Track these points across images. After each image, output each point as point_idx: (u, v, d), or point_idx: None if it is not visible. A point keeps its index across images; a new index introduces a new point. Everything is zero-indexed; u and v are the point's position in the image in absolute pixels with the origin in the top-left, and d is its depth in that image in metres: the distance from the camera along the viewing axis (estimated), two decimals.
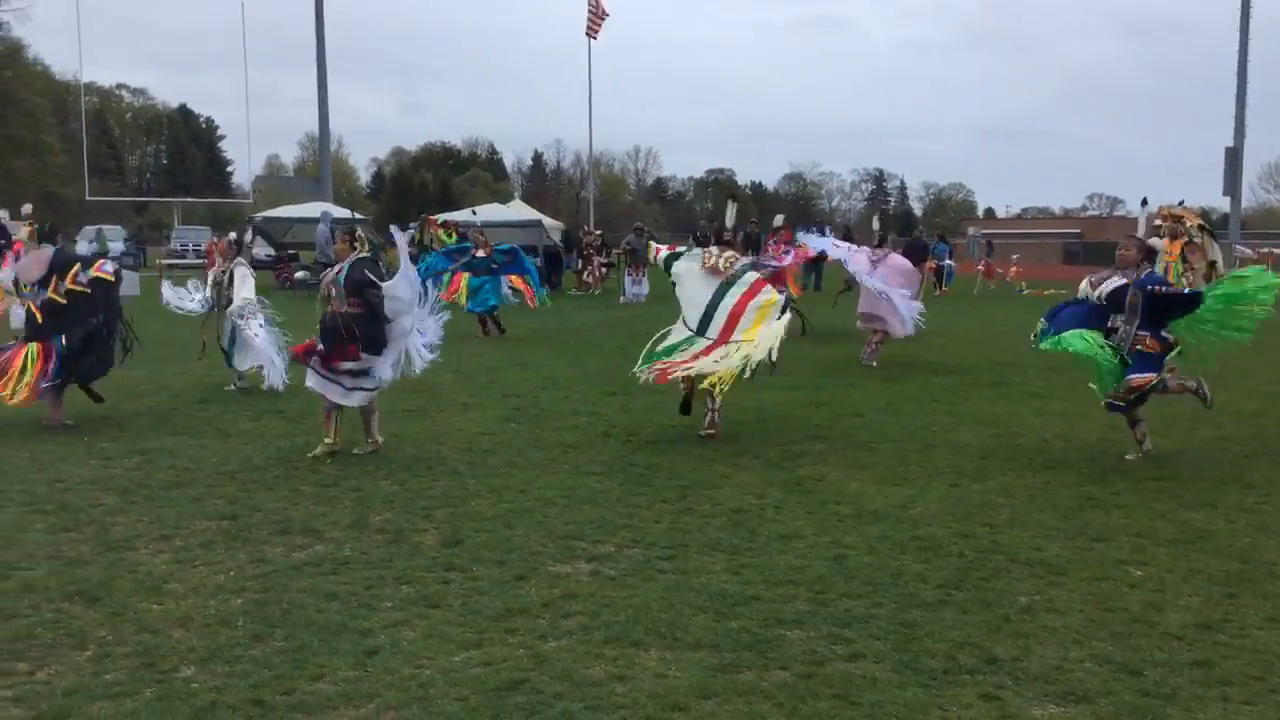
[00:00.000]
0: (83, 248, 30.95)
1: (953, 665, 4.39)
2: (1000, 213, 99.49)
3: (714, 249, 9.25)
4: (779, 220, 19.53)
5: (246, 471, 7.58)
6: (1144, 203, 10.12)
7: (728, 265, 9.05)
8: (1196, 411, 9.59)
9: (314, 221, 27.38)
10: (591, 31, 42.10)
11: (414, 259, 22.99)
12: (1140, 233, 9.38)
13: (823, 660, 4.43)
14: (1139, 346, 7.96)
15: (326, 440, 8.08)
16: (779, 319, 8.77)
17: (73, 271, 9.09)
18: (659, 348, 9.00)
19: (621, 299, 25.32)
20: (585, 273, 28.50)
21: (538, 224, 30.92)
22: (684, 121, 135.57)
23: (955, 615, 4.95)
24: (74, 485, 7.14)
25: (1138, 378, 7.91)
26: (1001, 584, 5.40)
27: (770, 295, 9.00)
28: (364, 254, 8.18)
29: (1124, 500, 7.07)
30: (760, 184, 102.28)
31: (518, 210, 33.98)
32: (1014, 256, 32.97)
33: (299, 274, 26.90)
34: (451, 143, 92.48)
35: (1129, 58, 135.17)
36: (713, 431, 8.98)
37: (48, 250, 9.41)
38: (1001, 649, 4.56)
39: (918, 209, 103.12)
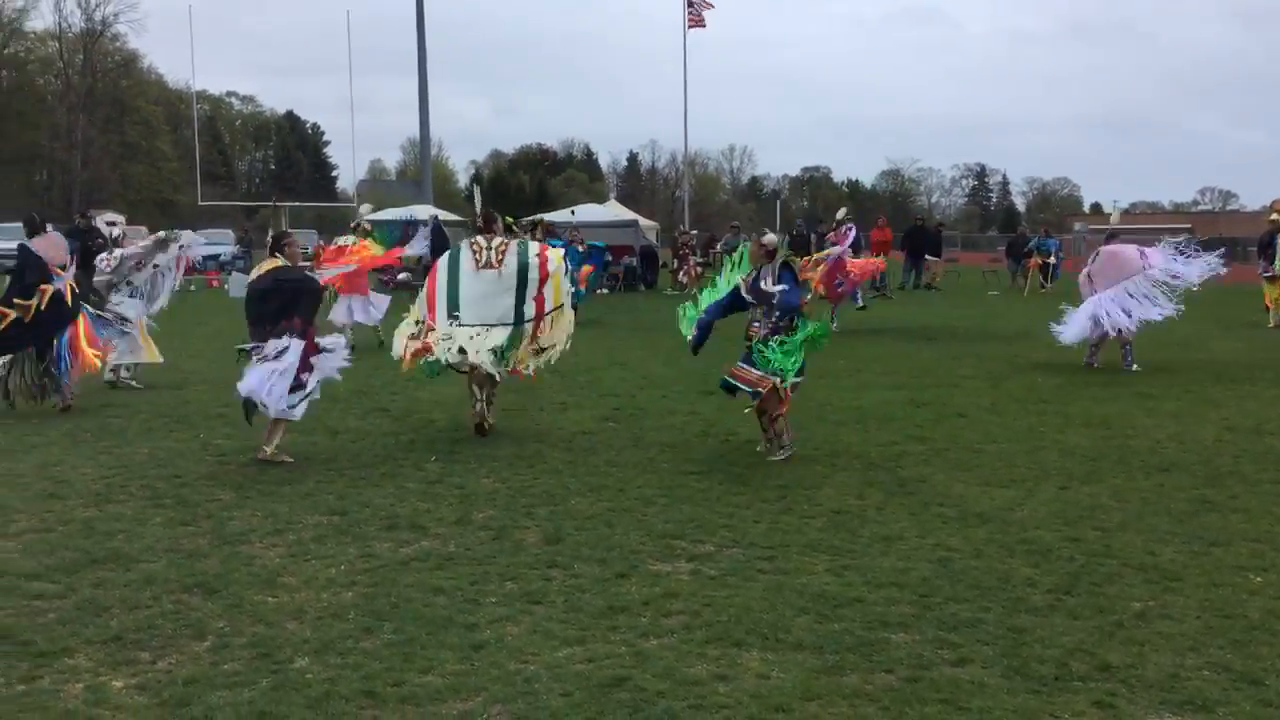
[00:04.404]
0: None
1: (1064, 672, 4.29)
2: (1107, 208, 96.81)
3: (480, 239, 9.01)
4: (842, 213, 19.31)
5: (355, 468, 7.76)
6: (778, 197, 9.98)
7: (499, 258, 8.85)
8: None
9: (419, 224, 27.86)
10: (696, 22, 41.83)
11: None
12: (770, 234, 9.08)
13: (929, 664, 4.37)
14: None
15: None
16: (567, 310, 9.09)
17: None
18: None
19: None
20: (680, 272, 28.51)
21: (634, 224, 31.07)
22: (779, 119, 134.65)
23: (1066, 621, 4.84)
24: (191, 481, 7.39)
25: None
26: (1114, 589, 5.26)
27: (556, 259, 9.07)
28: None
29: (1241, 504, 6.84)
30: (857, 181, 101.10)
31: (614, 210, 34.19)
32: None
33: (401, 275, 27.39)
34: (548, 144, 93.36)
35: (1241, 44, 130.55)
36: (487, 424, 8.90)
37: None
38: (1115, 656, 4.44)
39: (1020, 204, 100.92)
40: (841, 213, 19.28)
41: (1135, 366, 12.73)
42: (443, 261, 9.09)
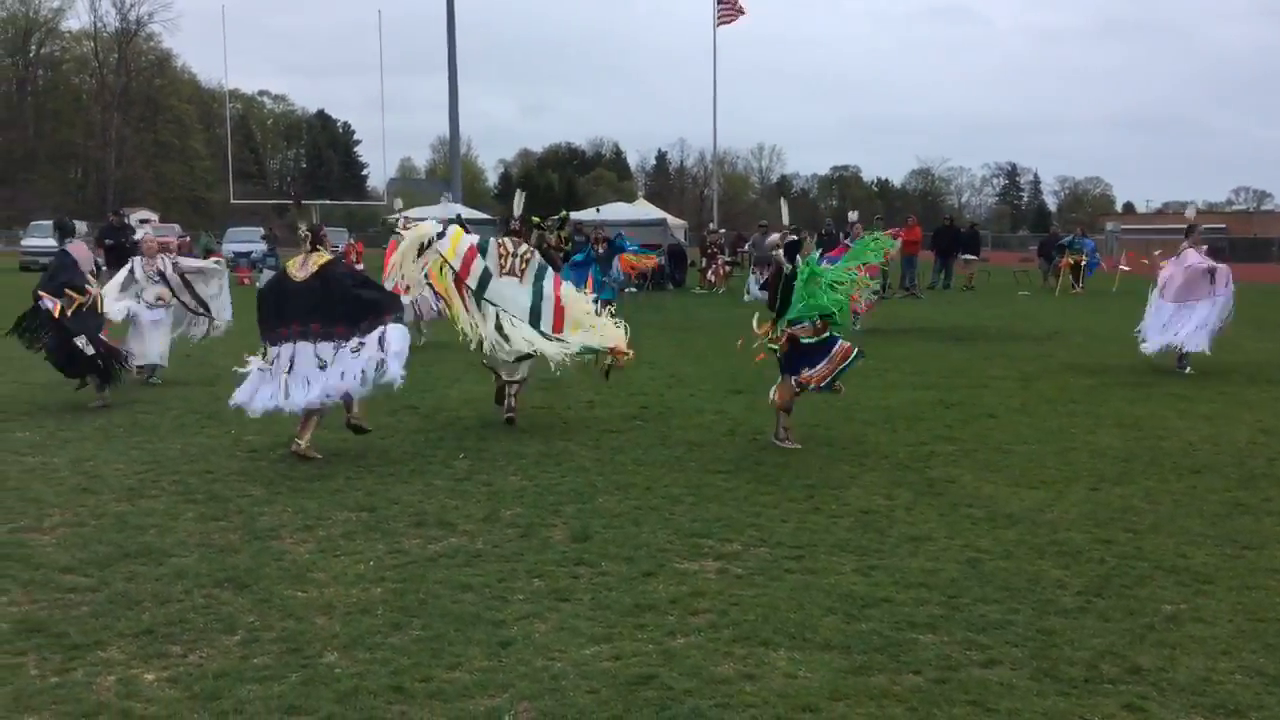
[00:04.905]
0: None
1: (1094, 674, 4.26)
2: (1140, 207, 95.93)
3: (508, 242, 9.34)
4: (854, 216, 19.26)
5: (383, 465, 7.80)
6: (784, 194, 10.40)
7: (522, 267, 9.19)
8: None
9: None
10: (729, 16, 41.65)
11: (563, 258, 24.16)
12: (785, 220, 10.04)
13: (957, 665, 4.35)
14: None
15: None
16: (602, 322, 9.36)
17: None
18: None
19: (746, 297, 25.24)
20: (709, 271, 28.49)
21: (662, 223, 31.09)
22: (808, 118, 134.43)
23: (1096, 623, 4.80)
24: (223, 476, 7.46)
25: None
26: (1145, 592, 5.22)
27: (569, 295, 9.33)
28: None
29: (1275, 506, 6.76)
30: (887, 180, 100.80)
31: (642, 209, 34.21)
32: (1156, 253, 31.42)
33: None
34: (576, 143, 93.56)
35: (1276, 42, 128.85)
36: (513, 415, 9.27)
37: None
38: (1146, 658, 4.41)
39: (1052, 204, 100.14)
40: (853, 216, 19.26)
41: (1189, 370, 12.44)
42: (476, 242, 9.28)
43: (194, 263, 12.75)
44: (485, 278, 9.06)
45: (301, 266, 8.15)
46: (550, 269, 9.60)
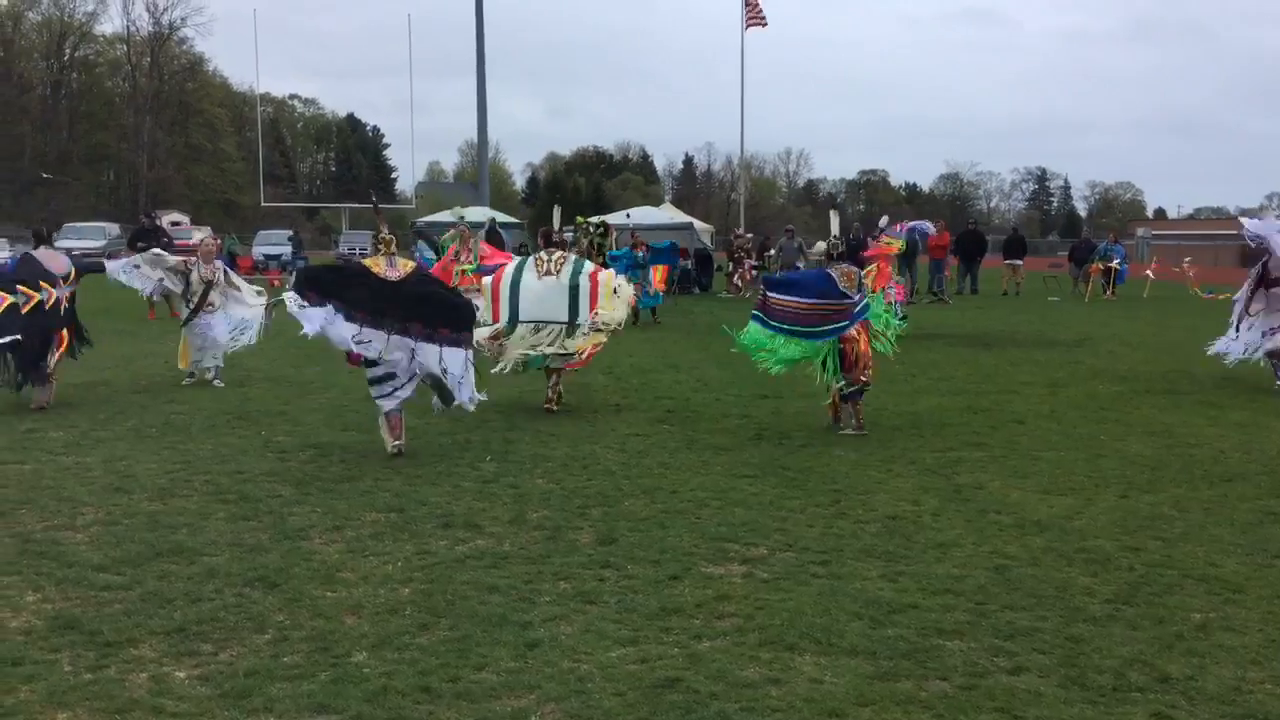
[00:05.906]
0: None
1: (1122, 682, 4.24)
2: (1171, 213, 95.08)
3: (543, 254, 10.23)
4: (884, 221, 19.14)
5: (411, 467, 7.85)
6: (835, 204, 10.73)
7: (558, 267, 10.07)
8: None
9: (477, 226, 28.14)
10: (755, 21, 41.58)
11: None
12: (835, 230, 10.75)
13: (984, 672, 4.33)
14: None
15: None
16: (622, 293, 10.14)
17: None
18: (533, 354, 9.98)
19: None
20: (735, 275, 28.44)
21: (689, 227, 31.09)
22: (835, 122, 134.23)
23: (1125, 631, 4.78)
24: (253, 477, 7.53)
25: None
26: (1174, 600, 5.18)
27: (607, 275, 10.27)
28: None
29: None
30: (915, 185, 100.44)
31: (669, 213, 34.23)
32: (1186, 260, 31.12)
33: None
34: (604, 147, 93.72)
35: None
36: (551, 405, 10.11)
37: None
38: (1174, 667, 4.38)
39: (1082, 209, 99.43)
40: (884, 220, 19.17)
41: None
42: (509, 270, 10.29)
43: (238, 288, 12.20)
44: (514, 303, 10.03)
45: (391, 267, 8.19)
46: (587, 262, 10.48)
